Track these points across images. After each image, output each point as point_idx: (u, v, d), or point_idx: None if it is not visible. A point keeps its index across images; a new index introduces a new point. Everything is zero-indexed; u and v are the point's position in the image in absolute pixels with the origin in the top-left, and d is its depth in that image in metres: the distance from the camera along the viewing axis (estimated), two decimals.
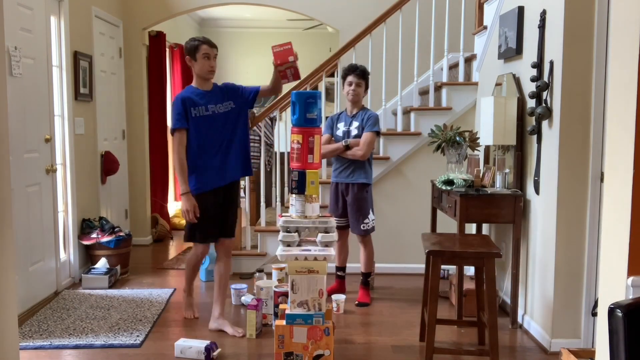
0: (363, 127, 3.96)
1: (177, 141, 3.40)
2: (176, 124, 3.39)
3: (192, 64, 3.43)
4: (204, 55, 3.40)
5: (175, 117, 3.39)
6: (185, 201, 3.41)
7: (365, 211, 4.03)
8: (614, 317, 1.53)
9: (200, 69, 3.43)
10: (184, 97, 3.40)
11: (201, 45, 3.40)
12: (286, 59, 3.28)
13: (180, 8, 5.83)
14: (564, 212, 3.21)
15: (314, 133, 2.99)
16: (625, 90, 1.84)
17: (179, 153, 3.39)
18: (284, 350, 2.87)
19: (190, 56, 3.42)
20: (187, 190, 3.40)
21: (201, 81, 3.47)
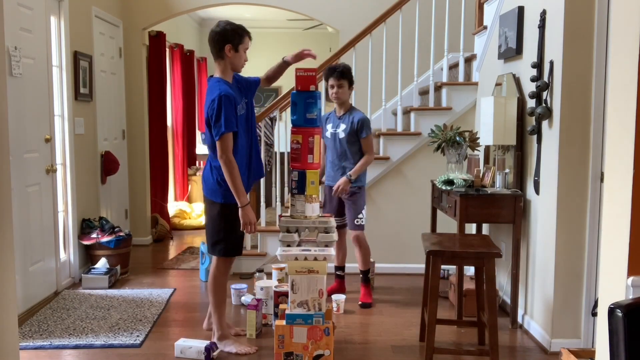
0: (355, 130, 3.94)
1: (228, 146, 2.96)
2: (232, 126, 2.95)
3: (230, 55, 3.05)
4: (246, 49, 3.10)
5: (229, 117, 2.94)
6: (248, 214, 3.04)
7: (360, 207, 4.06)
8: (614, 317, 1.53)
9: (239, 63, 3.10)
10: (229, 94, 2.96)
11: (246, 37, 3.08)
12: (307, 87, 3.03)
13: (180, 8, 5.83)
14: (564, 212, 3.21)
15: (313, 133, 2.99)
16: (625, 90, 1.84)
17: (233, 159, 2.98)
18: (284, 350, 2.87)
19: (232, 45, 3.03)
20: (248, 200, 3.05)
21: (230, 74, 3.12)
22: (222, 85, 3.01)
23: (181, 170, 7.47)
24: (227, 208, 3.11)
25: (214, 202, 3.14)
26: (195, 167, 7.87)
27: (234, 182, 2.98)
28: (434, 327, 2.98)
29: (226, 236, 3.15)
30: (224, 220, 3.14)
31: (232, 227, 3.13)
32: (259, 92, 9.40)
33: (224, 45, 3.03)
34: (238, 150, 3.05)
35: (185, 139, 7.49)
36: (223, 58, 3.07)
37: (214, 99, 2.94)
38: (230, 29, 3.04)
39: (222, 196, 3.10)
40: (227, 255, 3.20)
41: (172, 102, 7.17)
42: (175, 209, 6.89)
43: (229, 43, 3.03)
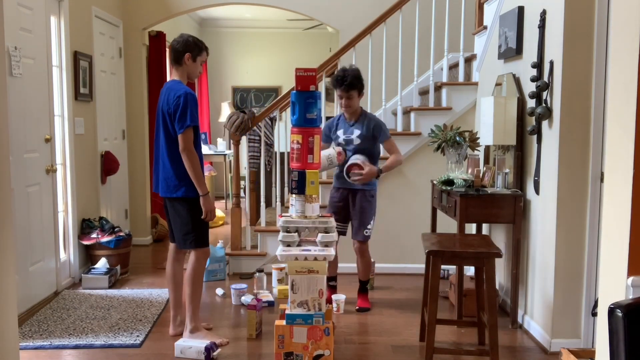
0: (371, 136, 3.82)
1: (191, 139, 3.19)
2: (195, 120, 3.19)
3: (187, 63, 3.31)
4: (202, 61, 3.39)
5: (193, 112, 3.18)
6: (209, 202, 3.25)
7: (369, 217, 3.89)
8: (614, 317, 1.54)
9: (194, 72, 3.37)
10: (193, 93, 3.25)
11: (204, 52, 3.38)
12: (307, 87, 3.04)
13: (180, 8, 5.83)
14: (564, 212, 3.21)
15: (313, 133, 2.99)
16: (625, 90, 1.84)
17: (195, 152, 3.21)
18: (284, 350, 2.87)
19: (191, 54, 3.31)
20: (207, 190, 3.26)
21: (185, 82, 3.37)
22: (184, 86, 3.28)
23: None
24: (187, 201, 3.27)
25: (175, 197, 3.28)
26: None
27: (196, 172, 3.19)
28: (434, 327, 2.98)
29: (194, 227, 3.29)
30: (189, 213, 3.28)
31: (197, 217, 3.28)
32: (259, 92, 9.41)
33: (184, 53, 3.30)
34: (197, 146, 3.26)
35: None
36: (181, 65, 3.32)
37: (180, 95, 3.17)
38: (192, 40, 3.34)
39: (182, 190, 3.25)
40: (199, 245, 3.33)
41: None
42: None
43: (188, 52, 3.30)
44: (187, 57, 3.30)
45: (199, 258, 3.36)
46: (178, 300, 3.51)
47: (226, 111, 8.65)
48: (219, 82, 9.37)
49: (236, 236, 4.89)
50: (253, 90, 9.39)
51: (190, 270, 3.36)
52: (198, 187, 3.21)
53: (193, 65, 3.34)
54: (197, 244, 3.32)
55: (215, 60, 9.28)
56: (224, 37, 9.30)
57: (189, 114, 3.15)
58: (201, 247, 3.35)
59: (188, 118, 3.14)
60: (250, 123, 4.79)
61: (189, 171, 3.18)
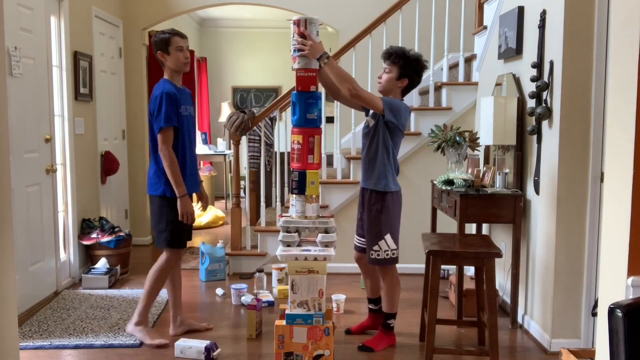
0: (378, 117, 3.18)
1: (167, 139, 3.18)
2: (171, 121, 3.17)
3: (165, 59, 3.25)
4: (177, 48, 3.25)
5: (169, 113, 3.16)
6: (186, 204, 3.22)
7: (378, 232, 3.21)
8: (614, 317, 1.53)
9: (176, 62, 3.26)
10: (171, 92, 3.18)
11: (173, 38, 3.24)
12: (308, 87, 2.97)
13: (180, 8, 5.83)
14: (564, 212, 3.21)
15: (314, 133, 2.99)
16: (625, 90, 1.84)
17: (172, 153, 3.19)
18: (284, 350, 2.87)
19: (162, 50, 3.24)
20: (185, 192, 3.23)
21: (176, 76, 3.30)
22: (166, 85, 3.24)
23: None
24: (165, 200, 3.26)
25: (154, 195, 3.29)
26: None
27: (173, 172, 3.18)
28: (434, 327, 2.98)
29: (167, 227, 3.27)
30: (164, 212, 3.27)
31: (173, 218, 3.25)
32: (259, 92, 9.41)
33: (157, 53, 3.28)
34: (179, 148, 3.25)
35: None
36: (162, 64, 3.32)
37: (157, 96, 3.19)
38: (157, 38, 3.28)
39: (161, 189, 3.25)
40: (170, 245, 3.30)
41: None
42: None
43: (158, 50, 3.27)
44: (160, 55, 3.27)
45: (168, 259, 3.34)
46: (177, 300, 3.51)
47: (226, 111, 8.65)
48: (219, 82, 9.37)
49: (236, 236, 4.89)
50: (253, 90, 9.39)
51: (156, 267, 3.35)
52: (175, 188, 3.19)
53: (170, 57, 3.26)
54: (170, 244, 3.30)
55: (215, 60, 9.28)
56: (224, 37, 9.30)
57: (163, 115, 3.15)
58: (174, 247, 3.32)
59: (163, 119, 3.15)
60: (250, 123, 4.79)
61: (166, 171, 3.18)
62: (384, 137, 3.18)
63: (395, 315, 3.34)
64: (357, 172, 4.75)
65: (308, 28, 2.92)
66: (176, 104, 3.20)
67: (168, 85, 3.22)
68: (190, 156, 3.36)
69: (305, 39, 2.94)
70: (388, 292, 3.29)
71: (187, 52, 3.31)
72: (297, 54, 2.93)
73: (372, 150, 3.22)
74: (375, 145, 3.20)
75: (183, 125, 3.26)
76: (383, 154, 3.18)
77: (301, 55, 2.92)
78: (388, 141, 3.18)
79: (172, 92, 3.19)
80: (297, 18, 2.94)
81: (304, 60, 2.92)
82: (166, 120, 3.15)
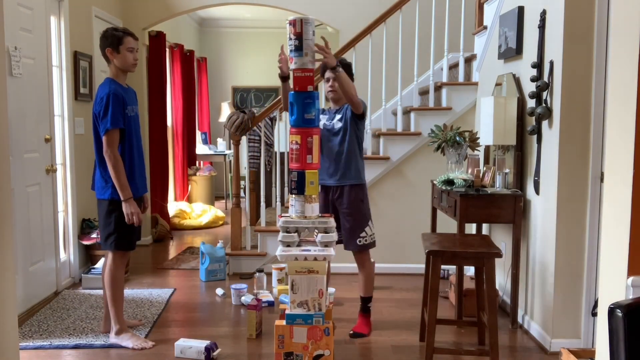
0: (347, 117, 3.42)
1: (113, 142, 3.12)
2: (118, 123, 3.12)
3: (113, 56, 3.20)
4: (128, 48, 3.21)
5: (116, 114, 3.10)
6: (131, 205, 3.18)
7: (363, 220, 3.48)
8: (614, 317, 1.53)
9: (125, 62, 3.22)
10: (117, 93, 3.13)
11: (125, 38, 3.21)
12: (305, 87, 2.95)
13: (180, 8, 5.83)
14: (564, 212, 3.21)
15: (312, 133, 2.99)
16: (625, 90, 1.84)
17: (118, 155, 3.14)
18: (284, 350, 2.87)
19: (112, 48, 3.18)
20: (130, 195, 3.19)
21: (121, 75, 3.26)
22: (112, 84, 3.19)
23: (181, 170, 7.48)
24: (112, 204, 3.22)
25: (102, 199, 3.25)
26: (195, 167, 7.87)
27: (117, 176, 3.14)
28: (434, 327, 2.98)
29: (115, 229, 3.23)
30: (112, 215, 3.23)
31: (121, 220, 3.22)
32: (259, 92, 9.41)
33: (105, 49, 3.22)
34: (125, 150, 3.20)
35: (185, 139, 7.49)
36: (109, 61, 3.25)
37: (103, 97, 3.12)
38: (109, 34, 3.22)
39: (108, 193, 3.21)
40: (118, 248, 3.27)
41: (172, 102, 7.17)
42: (175, 209, 6.90)
43: (108, 47, 3.21)
44: (109, 52, 3.21)
45: (115, 260, 3.30)
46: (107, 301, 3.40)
47: (226, 111, 8.65)
48: (219, 82, 9.37)
49: (236, 236, 4.89)
50: (253, 90, 9.39)
51: (107, 272, 3.30)
52: (120, 191, 3.16)
53: (119, 57, 3.21)
54: (117, 246, 3.26)
55: (215, 60, 9.28)
56: (224, 37, 9.30)
57: (109, 116, 3.09)
58: (121, 250, 3.29)
59: (109, 121, 3.09)
60: (250, 123, 4.79)
61: (111, 174, 3.14)
62: (357, 133, 3.46)
63: None
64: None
65: (304, 28, 2.92)
66: (123, 104, 3.15)
67: (114, 86, 3.17)
68: (139, 157, 3.31)
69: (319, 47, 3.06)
70: (369, 276, 3.54)
71: (136, 54, 3.28)
72: (294, 54, 2.92)
73: (348, 147, 3.44)
74: (350, 142, 3.44)
75: (130, 126, 3.22)
76: (357, 149, 3.47)
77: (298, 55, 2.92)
78: (360, 137, 3.49)
79: (119, 93, 3.15)
80: (292, 18, 2.94)
81: (301, 60, 2.92)
82: (112, 122, 3.10)
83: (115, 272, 3.31)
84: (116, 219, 3.23)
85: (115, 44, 3.20)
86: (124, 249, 3.31)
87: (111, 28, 3.27)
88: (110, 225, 3.24)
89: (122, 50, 3.21)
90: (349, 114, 3.44)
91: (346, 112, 3.45)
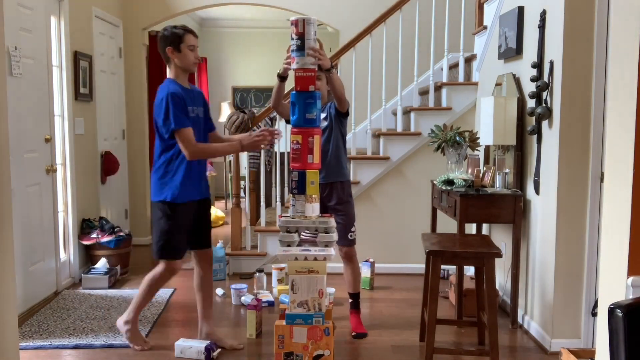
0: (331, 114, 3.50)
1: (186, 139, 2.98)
2: (183, 122, 2.98)
3: (174, 56, 3.08)
4: (189, 46, 3.09)
5: (177, 113, 2.98)
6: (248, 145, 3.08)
7: (353, 215, 3.58)
8: (614, 317, 1.53)
9: (186, 61, 3.10)
10: (177, 92, 3.02)
11: (186, 35, 3.07)
12: (306, 87, 2.95)
13: (180, 8, 5.83)
14: (564, 212, 3.21)
15: (313, 133, 2.99)
16: (625, 90, 1.84)
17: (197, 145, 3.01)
18: (284, 350, 2.86)
19: (173, 47, 3.06)
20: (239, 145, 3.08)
21: (183, 76, 3.14)
22: (171, 85, 3.07)
23: None
24: (169, 207, 3.09)
25: (157, 202, 3.11)
26: None
27: (214, 153, 3.13)
28: (434, 327, 2.98)
29: (162, 236, 3.11)
30: (162, 221, 3.11)
31: (169, 228, 3.09)
32: (259, 92, 9.41)
33: (165, 48, 3.09)
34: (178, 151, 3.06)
35: None
36: (169, 61, 3.13)
37: (163, 98, 3.01)
38: (168, 33, 3.10)
39: (164, 193, 3.08)
40: (164, 256, 3.14)
41: None
42: None
43: (169, 46, 3.08)
44: (169, 52, 3.08)
45: (163, 273, 3.17)
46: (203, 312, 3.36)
47: (226, 111, 8.65)
48: (219, 82, 9.37)
49: (236, 236, 4.89)
50: (253, 90, 9.39)
51: (151, 274, 3.20)
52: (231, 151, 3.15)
53: (180, 56, 3.09)
54: (163, 254, 3.14)
55: (215, 60, 9.28)
56: (224, 37, 9.30)
57: (172, 117, 2.97)
58: (167, 258, 3.15)
59: (172, 121, 2.98)
60: (250, 123, 4.79)
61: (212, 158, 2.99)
62: (342, 130, 3.56)
63: None
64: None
65: (306, 28, 2.91)
66: (183, 104, 3.02)
67: (173, 86, 3.06)
68: (198, 162, 3.15)
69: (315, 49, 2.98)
70: (357, 272, 3.63)
71: (197, 52, 3.14)
72: (296, 54, 2.92)
73: (335, 145, 3.52)
74: (335, 139, 3.53)
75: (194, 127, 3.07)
76: (342, 146, 3.57)
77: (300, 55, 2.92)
78: (344, 134, 3.59)
79: (178, 92, 3.02)
80: (294, 18, 2.94)
81: (302, 60, 2.92)
82: (176, 122, 2.97)
83: (159, 280, 3.19)
84: (163, 225, 3.09)
85: (177, 43, 3.07)
86: (169, 257, 3.15)
87: (170, 26, 3.12)
88: (157, 230, 3.13)
89: (183, 49, 3.08)
90: (333, 112, 3.51)
91: (330, 110, 3.52)
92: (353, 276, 3.61)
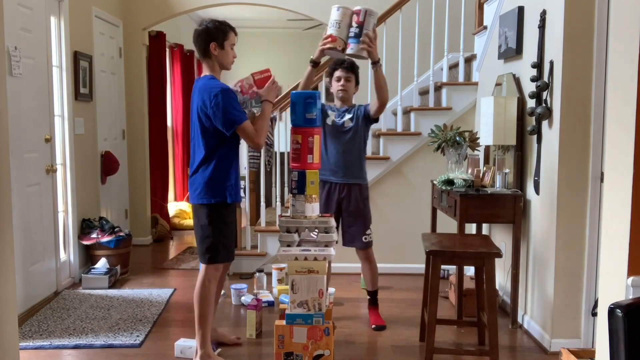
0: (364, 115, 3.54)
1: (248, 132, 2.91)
2: (244, 116, 2.91)
3: (216, 52, 2.96)
4: (232, 45, 3.02)
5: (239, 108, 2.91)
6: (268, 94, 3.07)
7: (369, 219, 3.66)
8: (614, 317, 1.53)
9: (227, 59, 3.02)
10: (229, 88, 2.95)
11: (230, 33, 2.99)
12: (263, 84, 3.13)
13: (180, 8, 5.83)
14: (564, 212, 3.21)
15: (313, 133, 2.99)
16: (625, 90, 1.84)
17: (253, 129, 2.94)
18: (284, 350, 2.86)
19: (217, 43, 2.95)
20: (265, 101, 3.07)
21: (219, 74, 3.06)
22: (217, 82, 2.96)
23: (181, 170, 7.47)
24: (225, 208, 2.99)
25: (202, 204, 2.97)
26: None
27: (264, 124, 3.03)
28: (434, 327, 2.98)
29: (217, 240, 2.99)
30: (223, 222, 3.00)
31: (222, 230, 3.00)
32: None
33: (209, 43, 2.96)
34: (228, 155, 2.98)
35: (185, 139, 7.48)
36: (210, 57, 3.00)
37: (217, 94, 2.85)
38: (213, 26, 2.97)
39: (219, 194, 2.95)
40: (218, 260, 3.03)
41: (172, 102, 7.17)
42: (175, 209, 6.90)
43: (213, 41, 2.95)
44: (213, 47, 2.95)
45: (208, 273, 3.01)
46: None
47: None
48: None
49: (236, 236, 4.89)
50: None
51: (199, 287, 3.01)
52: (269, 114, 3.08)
53: (222, 53, 2.98)
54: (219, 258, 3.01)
55: None
56: None
57: (234, 113, 2.86)
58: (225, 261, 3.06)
59: (236, 117, 2.86)
60: None
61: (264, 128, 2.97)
62: (365, 135, 3.63)
63: None
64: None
65: (366, 19, 3.02)
66: (235, 98, 2.94)
67: (219, 82, 2.96)
68: (236, 165, 3.07)
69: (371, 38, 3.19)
70: (374, 271, 3.73)
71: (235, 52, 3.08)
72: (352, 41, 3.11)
73: (358, 147, 3.60)
74: (358, 143, 3.59)
75: None
76: (364, 150, 3.65)
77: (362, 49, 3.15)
78: (367, 138, 3.67)
79: (228, 88, 2.93)
80: (358, 8, 3.09)
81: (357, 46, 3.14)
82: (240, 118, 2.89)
83: (209, 286, 3.00)
84: (216, 229, 2.97)
85: (221, 39, 2.96)
86: (225, 260, 3.06)
87: (212, 20, 2.99)
88: (210, 234, 2.97)
89: (226, 46, 2.99)
90: (361, 114, 3.56)
91: (357, 112, 3.58)
92: (370, 275, 3.74)
